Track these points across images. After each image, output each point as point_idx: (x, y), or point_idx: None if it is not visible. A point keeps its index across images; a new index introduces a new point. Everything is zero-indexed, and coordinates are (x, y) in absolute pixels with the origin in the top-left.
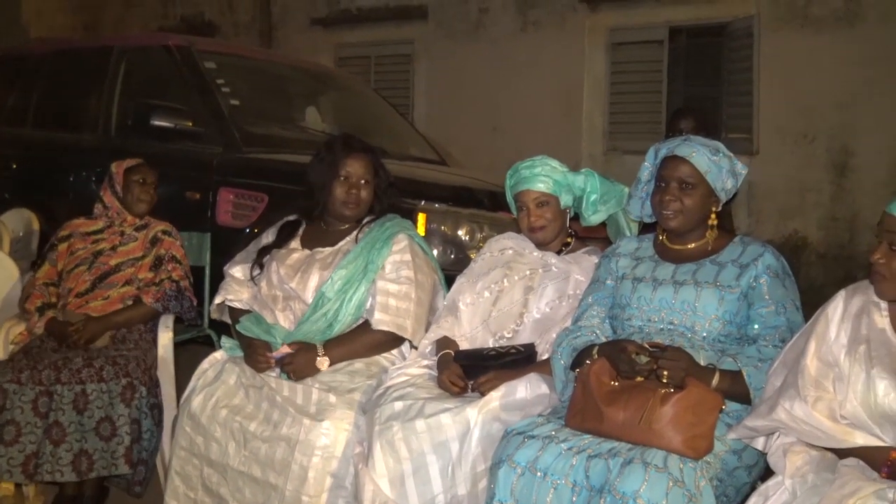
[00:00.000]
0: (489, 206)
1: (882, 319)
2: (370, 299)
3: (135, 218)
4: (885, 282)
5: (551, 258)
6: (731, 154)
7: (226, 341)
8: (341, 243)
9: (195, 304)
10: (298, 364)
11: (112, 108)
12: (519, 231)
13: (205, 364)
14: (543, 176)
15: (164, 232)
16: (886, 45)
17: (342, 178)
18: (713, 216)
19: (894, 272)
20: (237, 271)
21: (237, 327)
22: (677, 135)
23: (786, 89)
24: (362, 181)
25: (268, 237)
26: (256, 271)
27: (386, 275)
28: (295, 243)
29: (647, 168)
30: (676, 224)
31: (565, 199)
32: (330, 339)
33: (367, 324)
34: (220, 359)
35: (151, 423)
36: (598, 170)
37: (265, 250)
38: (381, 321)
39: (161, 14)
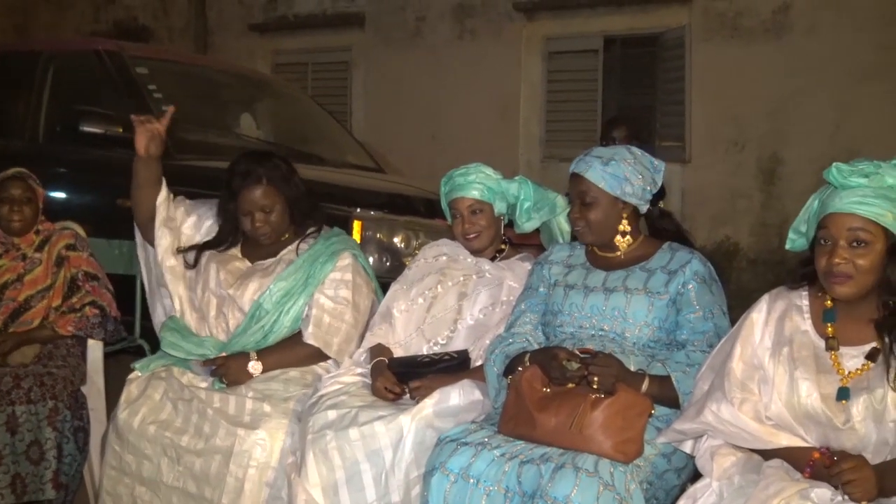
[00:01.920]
0: (425, 213)
1: (804, 322)
2: (306, 311)
3: (28, 237)
4: (850, 281)
5: (485, 265)
6: (634, 154)
7: (138, 363)
8: (283, 252)
9: (119, 319)
10: (230, 368)
11: (40, 113)
12: (454, 238)
13: (129, 379)
14: (477, 183)
15: (68, 247)
16: (813, 55)
17: (246, 212)
18: (624, 222)
19: (861, 268)
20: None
21: (161, 346)
22: (611, 143)
23: (716, 98)
24: (265, 210)
25: (209, 220)
26: (186, 254)
27: (325, 290)
28: (236, 250)
29: None
30: (589, 239)
31: (499, 207)
32: (264, 347)
33: (300, 335)
34: (143, 374)
35: (74, 448)
36: (536, 177)
37: (205, 246)
38: (312, 335)
39: (93, 18)
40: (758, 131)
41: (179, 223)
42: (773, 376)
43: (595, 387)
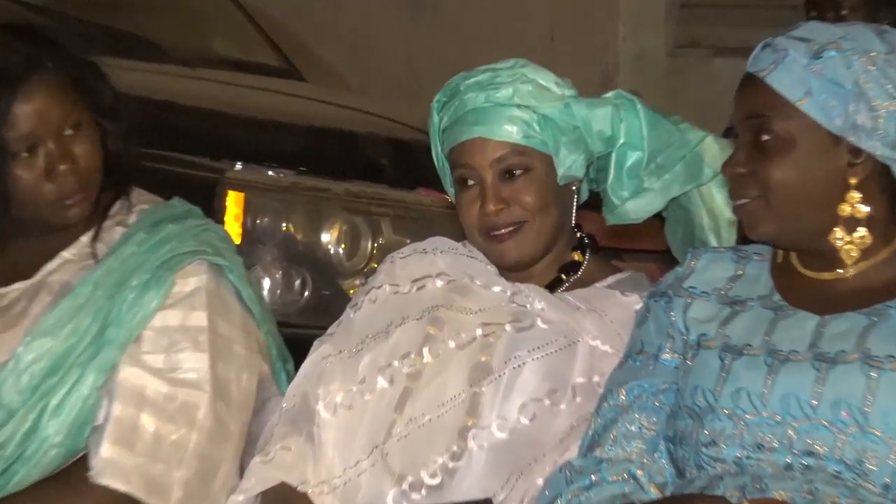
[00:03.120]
0: (392, 173)
1: None
2: (103, 406)
3: None
4: None
5: (535, 299)
6: (889, 41)
7: None
8: (50, 266)
9: None
10: None
11: None
12: (462, 236)
13: None
14: (516, 106)
15: None
16: None
17: (24, 152)
18: (852, 196)
19: None
20: None
21: None
22: (827, 16)
23: None
24: (67, 130)
25: None
26: None
27: (143, 355)
28: None
29: None
30: (768, 230)
31: (568, 162)
32: (2, 498)
33: (83, 464)
34: None
35: None
36: (657, 95)
37: None
38: (112, 466)
39: None
40: None
41: None
42: None
43: None
